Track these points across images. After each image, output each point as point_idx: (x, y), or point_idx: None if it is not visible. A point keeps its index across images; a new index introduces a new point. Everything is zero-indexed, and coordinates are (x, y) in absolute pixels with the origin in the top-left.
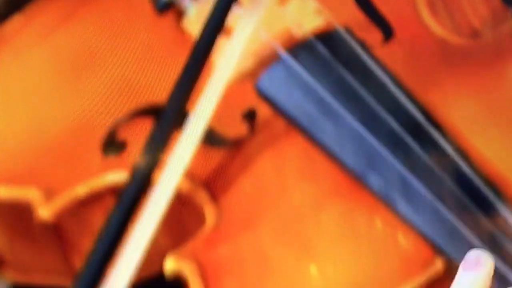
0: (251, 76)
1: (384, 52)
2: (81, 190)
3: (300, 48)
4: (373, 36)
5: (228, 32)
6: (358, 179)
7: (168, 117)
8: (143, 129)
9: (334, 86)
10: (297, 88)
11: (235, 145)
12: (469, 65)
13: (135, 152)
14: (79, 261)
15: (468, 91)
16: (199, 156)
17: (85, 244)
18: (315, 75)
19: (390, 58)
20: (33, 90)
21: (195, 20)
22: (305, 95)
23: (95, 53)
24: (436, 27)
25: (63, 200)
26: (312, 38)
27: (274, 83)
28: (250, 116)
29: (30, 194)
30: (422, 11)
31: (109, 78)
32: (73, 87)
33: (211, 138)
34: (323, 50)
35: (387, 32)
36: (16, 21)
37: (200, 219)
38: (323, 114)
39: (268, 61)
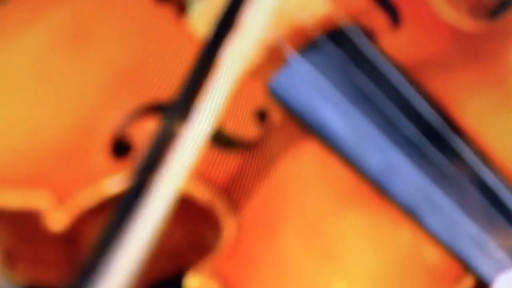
0: (261, 74)
1: (392, 40)
2: (91, 194)
3: (309, 47)
4: (380, 21)
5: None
6: (379, 188)
7: (174, 115)
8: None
9: (346, 87)
10: (308, 90)
11: (249, 148)
12: (480, 53)
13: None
14: None
15: (479, 82)
16: (213, 161)
17: None
18: (325, 75)
19: (399, 48)
20: (30, 79)
21: (199, 17)
22: (317, 97)
23: (91, 34)
24: (446, 9)
25: (74, 205)
26: (322, 37)
27: (285, 84)
28: (262, 116)
29: (40, 199)
30: None
31: (106, 64)
32: (72, 73)
33: (222, 140)
34: (333, 49)
35: (394, 15)
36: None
37: (217, 227)
38: (336, 117)
39: (277, 58)
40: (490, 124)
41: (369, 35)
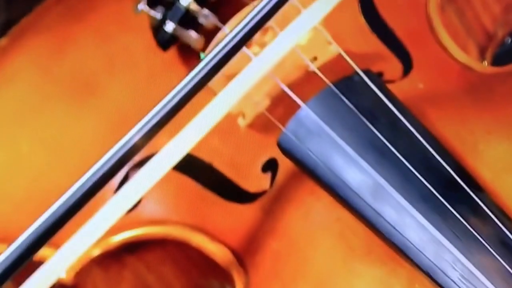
0: (272, 126)
1: (403, 85)
2: (96, 250)
3: (318, 97)
4: (392, 67)
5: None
6: (394, 245)
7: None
8: None
9: (359, 139)
10: (317, 142)
11: (260, 200)
12: (494, 95)
13: (148, 207)
14: None
15: (495, 128)
16: (226, 215)
17: None
18: (336, 127)
19: (409, 93)
20: (32, 126)
21: None
22: (327, 150)
23: (93, 81)
24: (457, 51)
25: (80, 262)
26: (331, 85)
27: (293, 137)
28: (271, 167)
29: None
30: (440, 33)
31: (111, 112)
32: (76, 122)
33: (233, 192)
34: (343, 98)
35: (407, 61)
36: (5, 45)
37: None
38: (349, 174)
39: (287, 109)
40: (509, 174)
41: (381, 81)
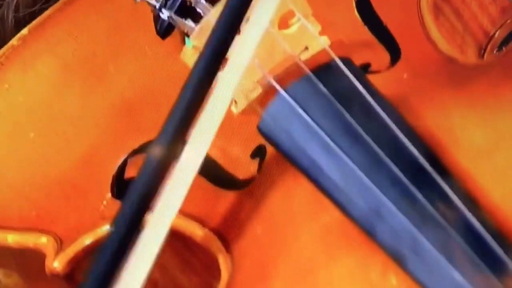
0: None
1: (387, 75)
2: (92, 236)
3: (297, 82)
4: (380, 58)
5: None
6: (366, 232)
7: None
8: None
9: (335, 126)
10: (294, 128)
11: (246, 186)
12: (475, 88)
13: None
14: None
15: (475, 118)
16: (209, 201)
17: None
18: (313, 114)
19: (392, 82)
20: (39, 113)
21: (191, 53)
22: (303, 136)
23: (101, 71)
24: (443, 44)
25: (73, 250)
26: (310, 73)
27: (271, 122)
28: (260, 153)
29: (43, 243)
30: (430, 28)
31: (114, 100)
32: (79, 109)
33: (219, 178)
34: (321, 86)
35: (396, 54)
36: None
37: (214, 267)
38: (323, 158)
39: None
40: (484, 163)
41: (363, 69)
